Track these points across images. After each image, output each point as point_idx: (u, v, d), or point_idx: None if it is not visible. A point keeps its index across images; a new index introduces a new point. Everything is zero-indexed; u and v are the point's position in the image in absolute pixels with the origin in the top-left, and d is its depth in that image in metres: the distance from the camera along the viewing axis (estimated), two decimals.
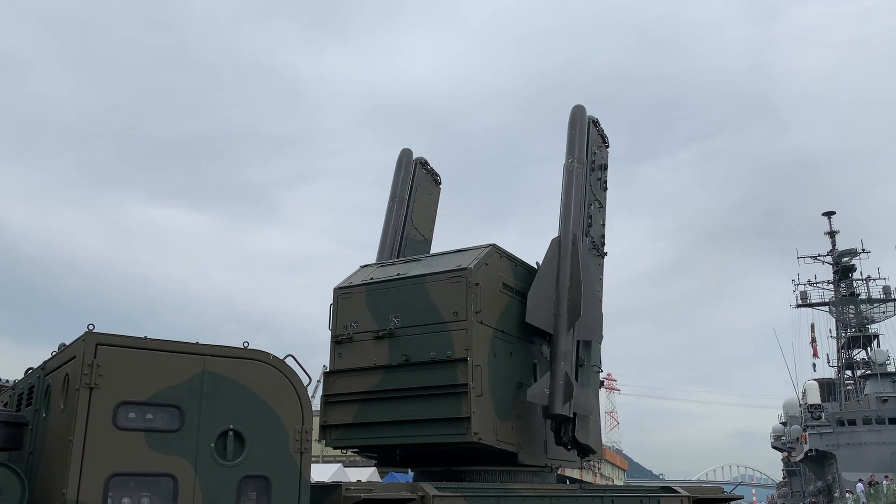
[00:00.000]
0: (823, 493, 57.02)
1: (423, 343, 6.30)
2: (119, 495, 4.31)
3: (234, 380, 4.84)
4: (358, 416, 6.49)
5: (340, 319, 6.88)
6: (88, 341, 4.46)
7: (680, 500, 7.13)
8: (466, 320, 6.16)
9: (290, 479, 4.90)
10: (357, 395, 6.52)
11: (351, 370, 6.65)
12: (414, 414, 6.26)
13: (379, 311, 6.65)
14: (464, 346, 6.11)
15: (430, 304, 6.40)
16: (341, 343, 6.77)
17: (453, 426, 6.01)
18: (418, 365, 6.27)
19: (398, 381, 6.39)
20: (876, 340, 62.60)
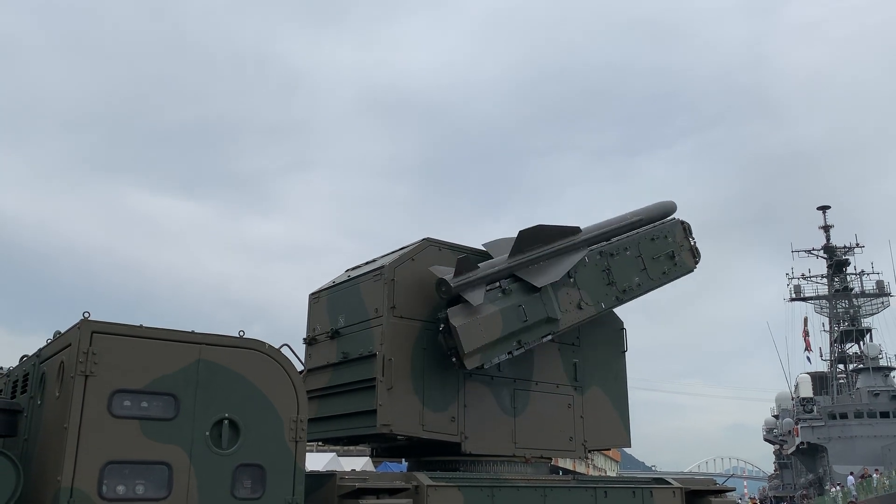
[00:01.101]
0: (814, 486, 57.38)
1: (357, 340, 6.60)
2: (114, 482, 4.32)
3: (229, 369, 4.84)
4: (318, 411, 6.75)
5: (310, 322, 7.38)
6: (84, 329, 4.45)
7: (672, 491, 7.16)
8: (384, 315, 6.36)
9: (285, 467, 4.91)
10: (317, 391, 6.82)
11: (314, 369, 7.03)
12: (345, 408, 6.55)
13: (332, 313, 7.05)
14: (379, 342, 6.32)
15: (361, 304, 6.72)
16: (311, 344, 7.24)
17: (367, 419, 6.24)
18: (352, 361, 6.58)
19: (340, 377, 6.69)
20: (868, 335, 62.87)
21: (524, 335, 6.60)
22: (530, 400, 7.06)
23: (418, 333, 6.49)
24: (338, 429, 6.69)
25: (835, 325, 64.99)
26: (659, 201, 8.58)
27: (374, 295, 6.56)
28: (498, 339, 6.39)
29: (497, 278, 6.68)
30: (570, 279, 7.09)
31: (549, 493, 6.19)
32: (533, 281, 6.76)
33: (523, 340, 6.59)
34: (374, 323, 6.46)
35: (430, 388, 6.46)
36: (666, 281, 8.09)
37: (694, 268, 8.43)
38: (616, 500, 6.60)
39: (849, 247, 64.18)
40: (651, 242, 8.00)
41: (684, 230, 8.39)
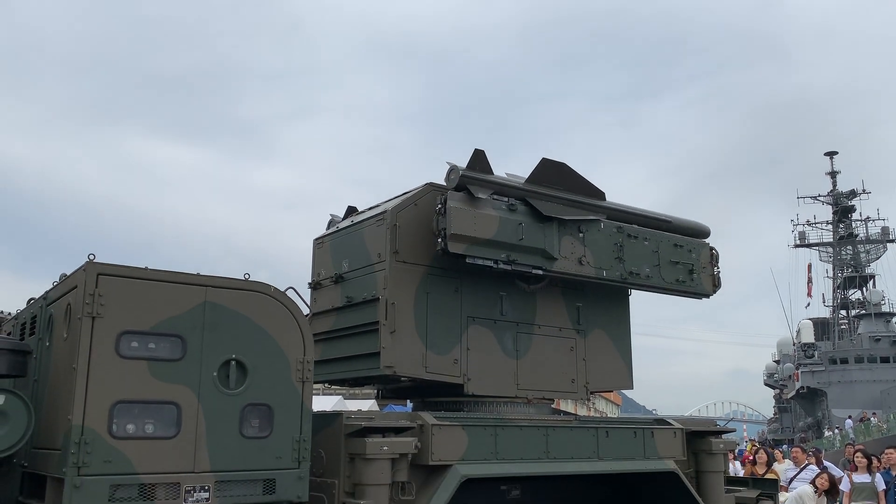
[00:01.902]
0: (813, 429, 58.30)
1: (361, 285, 6.66)
2: (124, 422, 4.39)
3: (235, 311, 4.88)
4: (322, 354, 6.81)
5: (315, 267, 7.43)
6: (89, 271, 4.48)
7: (673, 432, 7.27)
8: (386, 260, 6.42)
9: (292, 406, 4.99)
10: (321, 334, 6.88)
11: (319, 313, 7.11)
12: (351, 350, 6.65)
13: (336, 258, 7.09)
14: (382, 286, 6.39)
15: (364, 249, 6.76)
16: (315, 289, 7.31)
17: (371, 361, 6.35)
18: (356, 305, 6.66)
19: (345, 320, 6.77)
20: (872, 281, 63.04)
21: (515, 253, 6.57)
22: (532, 343, 7.12)
23: (421, 278, 6.52)
24: (343, 370, 6.80)
25: (838, 271, 65.10)
26: (695, 220, 8.49)
27: (376, 240, 6.58)
28: (488, 240, 6.40)
29: (508, 194, 6.70)
30: (580, 233, 7.07)
31: (552, 433, 6.28)
32: (542, 209, 6.77)
33: (512, 257, 6.55)
34: (377, 267, 6.50)
35: (433, 331, 6.52)
36: (676, 290, 7.94)
37: (710, 294, 8.29)
38: (617, 439, 6.71)
39: (855, 192, 63.84)
40: (673, 248, 7.89)
41: (711, 255, 8.28)
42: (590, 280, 7.18)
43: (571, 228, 6.98)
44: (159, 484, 4.40)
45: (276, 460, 4.85)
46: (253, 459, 4.76)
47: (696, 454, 7.55)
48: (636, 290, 7.88)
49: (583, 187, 7.24)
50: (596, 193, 7.35)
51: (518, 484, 6.69)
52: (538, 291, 7.20)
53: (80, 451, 4.19)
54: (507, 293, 6.99)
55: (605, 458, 6.56)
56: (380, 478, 5.25)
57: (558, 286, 7.34)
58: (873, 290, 61.01)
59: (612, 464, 6.61)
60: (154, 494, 4.38)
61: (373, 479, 5.23)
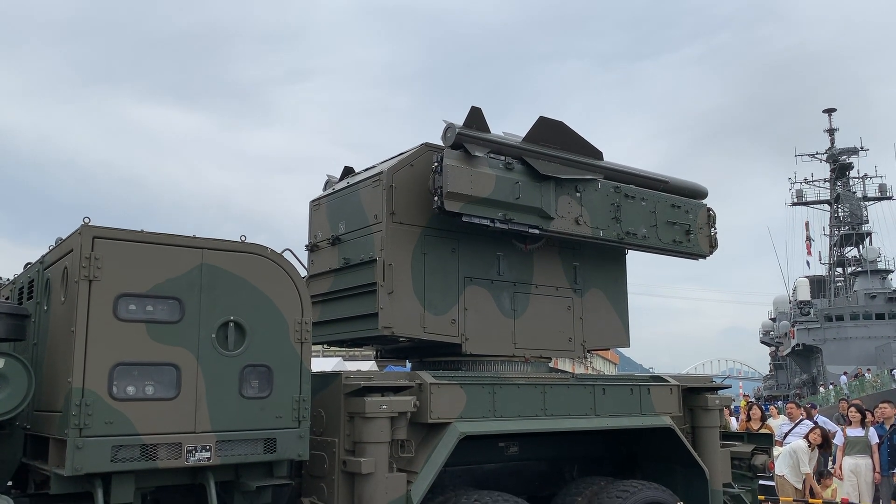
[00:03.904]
0: (808, 386, 59.02)
1: (357, 247, 6.66)
2: (124, 383, 4.42)
3: (232, 272, 4.88)
4: (320, 316, 6.87)
5: (312, 229, 7.43)
6: (85, 234, 4.47)
7: (669, 388, 7.34)
8: (383, 221, 6.41)
9: (291, 367, 5.02)
10: (319, 296, 6.93)
11: (317, 274, 7.12)
12: (347, 311, 6.69)
13: (333, 220, 7.09)
14: (379, 248, 6.39)
15: (361, 210, 6.73)
16: (312, 251, 7.33)
17: (369, 321, 6.39)
18: (352, 267, 6.68)
19: (342, 282, 6.79)
20: (868, 238, 63.19)
21: (511, 212, 6.55)
22: (530, 302, 7.15)
23: (418, 239, 6.52)
24: (342, 331, 6.83)
25: (835, 229, 65.22)
26: (692, 181, 8.44)
27: (373, 201, 6.56)
28: (484, 199, 6.38)
29: (504, 153, 6.66)
30: (577, 193, 7.03)
31: (549, 391, 6.34)
32: (539, 168, 6.73)
33: (508, 216, 6.54)
34: (373, 229, 6.49)
35: (431, 292, 6.55)
36: (673, 251, 7.95)
37: (707, 255, 8.27)
38: (614, 396, 6.78)
39: (852, 149, 63.65)
40: (670, 208, 7.87)
41: (709, 216, 8.27)
42: (586, 240, 7.18)
43: (568, 188, 6.94)
44: (161, 444, 4.45)
45: (276, 420, 4.90)
46: (253, 419, 4.81)
47: (692, 410, 7.64)
48: (633, 250, 7.88)
49: (580, 146, 7.18)
50: (593, 153, 7.30)
51: (516, 441, 6.79)
52: (535, 251, 7.20)
53: (80, 412, 4.22)
54: (504, 253, 6.99)
55: (601, 415, 6.63)
56: (379, 436, 5.31)
57: (555, 246, 7.35)
58: (870, 247, 61.19)
59: (608, 420, 6.68)
60: (156, 454, 4.43)
61: (372, 437, 5.29)
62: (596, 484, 6.87)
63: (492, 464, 6.73)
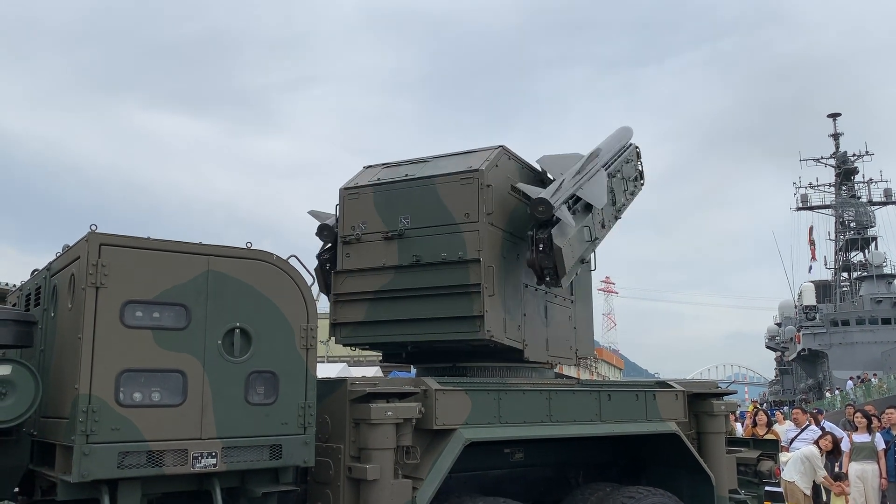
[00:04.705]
0: (813, 391, 58.74)
1: (434, 244, 6.39)
2: (130, 390, 4.43)
3: (238, 279, 4.89)
4: (368, 315, 6.62)
5: (347, 220, 6.91)
6: (92, 241, 4.48)
7: (675, 394, 7.33)
8: (478, 221, 6.25)
9: (297, 373, 5.03)
10: (367, 294, 6.62)
11: (360, 270, 6.72)
12: (426, 312, 6.41)
13: (387, 212, 6.69)
14: (476, 248, 6.22)
15: (440, 206, 6.44)
16: (349, 243, 6.82)
17: (466, 324, 6.22)
18: (429, 265, 6.38)
19: (408, 280, 6.51)
20: (874, 243, 62.98)
21: (584, 253, 6.91)
22: (552, 311, 7.32)
23: (501, 242, 6.53)
24: (419, 333, 6.55)
25: (841, 233, 65.02)
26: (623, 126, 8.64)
27: (461, 198, 6.37)
28: (579, 258, 6.71)
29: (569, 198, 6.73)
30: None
31: (554, 396, 6.33)
32: (593, 202, 6.85)
33: (584, 258, 6.92)
34: (464, 227, 6.32)
35: (508, 296, 6.56)
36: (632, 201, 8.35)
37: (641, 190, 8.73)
38: (619, 402, 6.76)
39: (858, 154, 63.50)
40: (626, 164, 8.18)
41: (637, 154, 8.62)
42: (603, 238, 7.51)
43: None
44: (167, 451, 4.46)
45: (281, 426, 4.90)
46: (259, 426, 4.81)
47: (698, 416, 7.62)
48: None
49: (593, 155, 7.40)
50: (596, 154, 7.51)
51: (521, 447, 6.78)
52: None
53: (87, 419, 4.23)
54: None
55: (607, 421, 6.62)
56: (384, 442, 5.31)
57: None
58: (875, 251, 60.97)
59: (614, 426, 6.67)
60: (162, 461, 4.44)
61: (378, 443, 5.28)
62: (602, 490, 6.86)
63: (497, 470, 6.72)
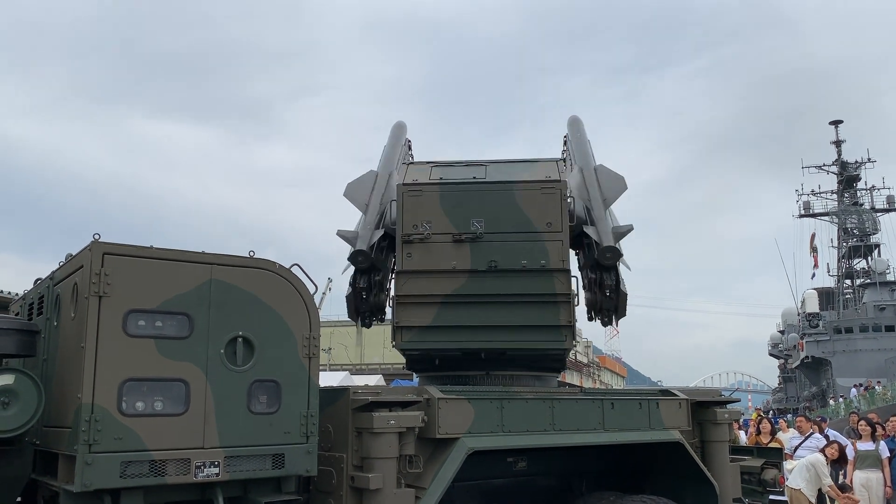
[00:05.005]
0: (817, 398, 58.51)
1: (513, 250, 6.35)
2: (133, 399, 4.43)
3: (241, 288, 4.89)
4: (437, 319, 6.44)
5: (408, 218, 6.65)
6: (95, 250, 4.49)
7: (678, 402, 7.30)
8: (562, 232, 6.33)
9: (300, 382, 5.02)
10: (437, 297, 6.43)
11: (428, 271, 6.50)
12: (505, 319, 6.35)
13: (457, 214, 6.54)
14: (559, 257, 6.29)
15: (519, 213, 6.42)
16: (411, 243, 6.59)
17: (551, 333, 6.30)
18: (508, 272, 6.34)
19: (485, 286, 6.41)
20: (877, 250, 62.85)
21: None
22: None
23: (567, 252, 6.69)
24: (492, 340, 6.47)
25: (843, 240, 64.91)
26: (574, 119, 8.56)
27: (542, 206, 6.42)
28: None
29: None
30: None
31: (557, 405, 6.31)
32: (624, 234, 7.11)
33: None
34: (546, 237, 6.36)
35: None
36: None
37: None
38: (623, 411, 6.74)
39: (860, 161, 63.46)
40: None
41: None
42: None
43: None
44: (170, 460, 4.45)
45: (284, 435, 4.89)
46: (261, 435, 4.81)
47: (701, 424, 7.60)
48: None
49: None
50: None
51: (524, 456, 6.76)
52: None
53: (90, 428, 4.23)
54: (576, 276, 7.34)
55: (610, 430, 6.60)
56: (387, 451, 5.30)
57: None
58: (878, 258, 60.82)
59: (617, 435, 6.65)
60: (165, 470, 4.43)
61: (380, 452, 5.27)
62: (605, 499, 6.83)
63: (500, 479, 6.71)
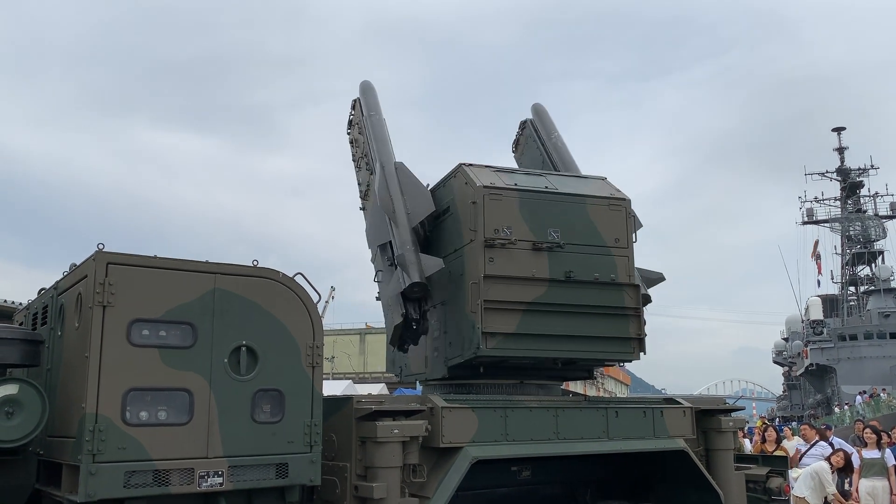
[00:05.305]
0: (822, 406, 58.25)
1: (586, 263, 6.54)
2: (137, 409, 4.43)
3: (244, 297, 4.90)
4: (521, 327, 6.39)
5: (490, 222, 6.51)
6: (99, 260, 4.50)
7: (683, 410, 7.27)
8: (628, 248, 6.70)
9: (303, 391, 5.02)
10: (521, 304, 6.39)
11: (511, 278, 6.43)
12: (579, 329, 6.50)
13: (535, 221, 6.55)
14: (626, 272, 6.60)
15: (590, 226, 6.62)
16: (493, 247, 6.45)
17: (622, 345, 6.61)
18: (584, 283, 6.52)
19: (562, 295, 6.49)
20: (881, 257, 62.68)
21: None
22: None
23: None
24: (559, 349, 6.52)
25: (847, 247, 64.74)
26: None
27: (610, 222, 6.72)
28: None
29: None
30: None
31: (561, 414, 6.30)
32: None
33: None
34: (615, 252, 6.67)
35: None
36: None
37: None
38: (627, 419, 6.72)
39: (863, 168, 63.36)
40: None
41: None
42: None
43: None
44: (173, 470, 4.45)
45: (288, 445, 4.89)
46: (265, 444, 4.80)
47: (706, 432, 7.56)
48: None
49: None
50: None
51: (528, 465, 6.74)
52: None
53: (94, 438, 4.24)
54: None
55: (614, 438, 6.58)
56: (391, 460, 5.29)
57: None
58: (882, 265, 60.62)
59: (621, 443, 6.62)
60: (168, 480, 4.43)
61: (384, 461, 5.26)
62: None
63: (505, 488, 6.69)
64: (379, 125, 8.24)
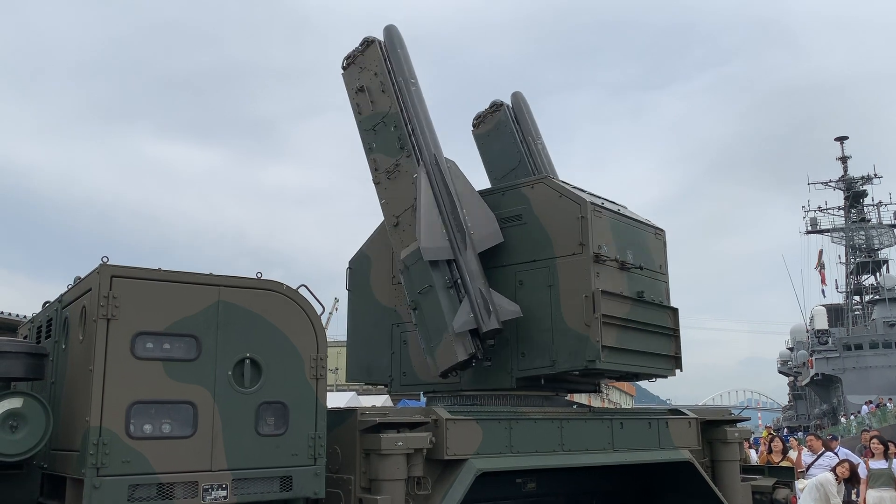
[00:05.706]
0: (828, 416, 58.01)
1: (651, 286, 7.09)
2: (141, 422, 4.42)
3: (248, 309, 4.90)
4: (619, 341, 6.63)
5: (594, 237, 6.60)
6: (103, 273, 4.51)
7: (688, 422, 7.26)
8: (665, 274, 7.31)
9: (307, 404, 5.01)
10: (619, 320, 6.64)
11: (614, 294, 6.64)
12: (645, 346, 6.96)
13: (619, 242, 6.87)
14: (667, 297, 7.23)
15: (648, 252, 7.19)
16: (598, 262, 6.58)
17: (665, 362, 7.13)
18: (650, 304, 7.06)
19: (642, 314, 6.95)
20: (885, 266, 62.56)
21: None
22: None
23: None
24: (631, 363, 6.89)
25: (851, 257, 64.64)
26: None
27: (658, 251, 7.33)
28: None
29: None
30: None
31: (566, 425, 6.28)
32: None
33: None
34: (660, 278, 7.26)
35: None
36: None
37: None
38: (632, 430, 6.71)
39: (866, 177, 63.34)
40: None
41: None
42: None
43: None
44: (177, 483, 4.43)
45: (292, 457, 4.87)
46: (269, 457, 4.79)
47: (711, 443, 7.55)
48: None
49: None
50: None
51: (533, 477, 6.72)
52: None
53: (98, 451, 4.22)
54: None
55: (619, 450, 6.56)
56: (395, 473, 5.27)
57: None
58: (887, 274, 60.51)
59: (627, 455, 6.61)
60: (172, 493, 4.41)
61: (388, 474, 5.25)
62: None
63: (510, 500, 6.66)
64: (421, 100, 7.29)
